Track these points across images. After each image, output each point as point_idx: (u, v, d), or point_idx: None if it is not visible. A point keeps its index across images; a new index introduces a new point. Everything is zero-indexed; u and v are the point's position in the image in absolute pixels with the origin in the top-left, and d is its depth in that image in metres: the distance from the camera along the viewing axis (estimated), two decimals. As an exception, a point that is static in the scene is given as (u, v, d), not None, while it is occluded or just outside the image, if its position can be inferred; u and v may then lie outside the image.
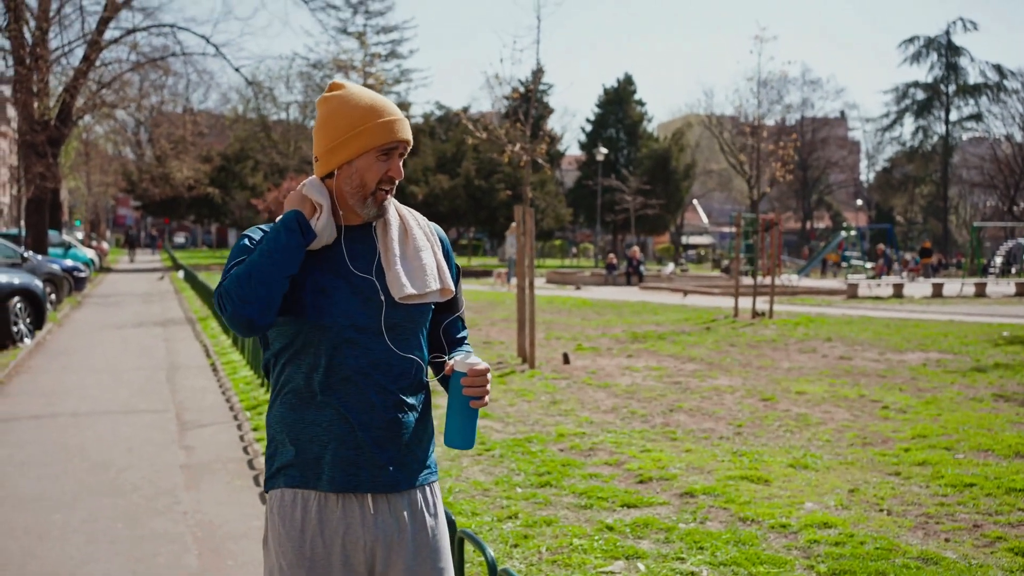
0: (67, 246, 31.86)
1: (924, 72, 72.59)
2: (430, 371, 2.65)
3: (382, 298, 2.49)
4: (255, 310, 2.38)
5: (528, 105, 13.80)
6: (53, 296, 20.03)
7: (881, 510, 6.05)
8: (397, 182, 2.55)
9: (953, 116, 71.79)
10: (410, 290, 2.49)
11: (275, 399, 2.56)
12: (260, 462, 7.41)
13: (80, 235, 52.33)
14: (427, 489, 2.58)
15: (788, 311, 21.46)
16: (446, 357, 2.66)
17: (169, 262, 49.83)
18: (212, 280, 27.91)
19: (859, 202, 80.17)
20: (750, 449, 7.70)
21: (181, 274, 35.63)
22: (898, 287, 28.56)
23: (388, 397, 2.48)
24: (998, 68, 68.97)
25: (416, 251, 2.57)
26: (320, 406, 2.46)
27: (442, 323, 2.69)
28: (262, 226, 2.58)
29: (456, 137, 47.05)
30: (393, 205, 2.63)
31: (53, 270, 20.97)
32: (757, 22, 51.46)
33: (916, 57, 71.34)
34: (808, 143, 69.79)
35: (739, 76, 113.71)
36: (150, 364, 13.10)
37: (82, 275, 25.00)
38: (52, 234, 30.42)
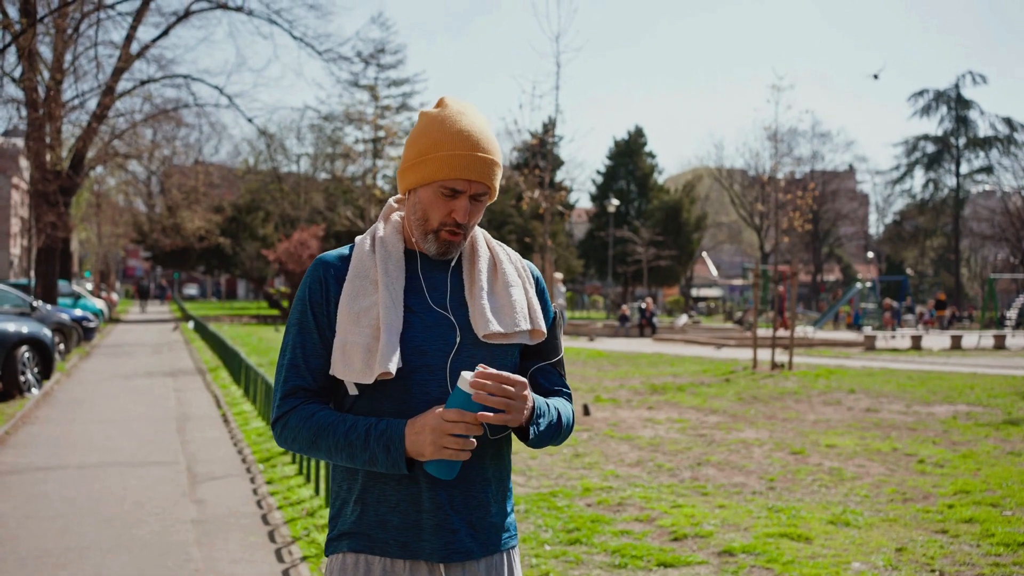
0: (77, 296, 31.69)
1: (934, 125, 72.75)
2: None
3: (458, 337, 2.21)
4: (297, 451, 2.27)
5: (545, 152, 13.63)
6: (62, 346, 19.79)
7: (933, 571, 5.71)
8: (469, 226, 2.25)
9: (963, 169, 71.72)
10: (495, 327, 2.21)
11: None
12: (275, 517, 7.10)
13: (89, 286, 52.28)
14: (506, 555, 2.29)
15: (807, 363, 21.10)
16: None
17: (179, 313, 49.66)
18: (222, 331, 27.69)
19: (870, 255, 79.87)
20: (786, 505, 7.37)
21: (191, 324, 35.41)
22: (916, 339, 28.19)
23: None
24: (1008, 121, 68.96)
25: (506, 286, 2.29)
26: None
27: (531, 369, 2.36)
28: (312, 281, 2.26)
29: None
30: (483, 238, 2.37)
31: (62, 320, 20.75)
32: (774, 71, 51.42)
33: (926, 110, 71.43)
34: (818, 195, 69.67)
35: (749, 128, 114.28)
36: (160, 415, 12.81)
37: (91, 325, 24.78)
38: (62, 284, 30.27)
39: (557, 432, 2.28)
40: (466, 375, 2.06)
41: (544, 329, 2.31)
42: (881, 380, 17.09)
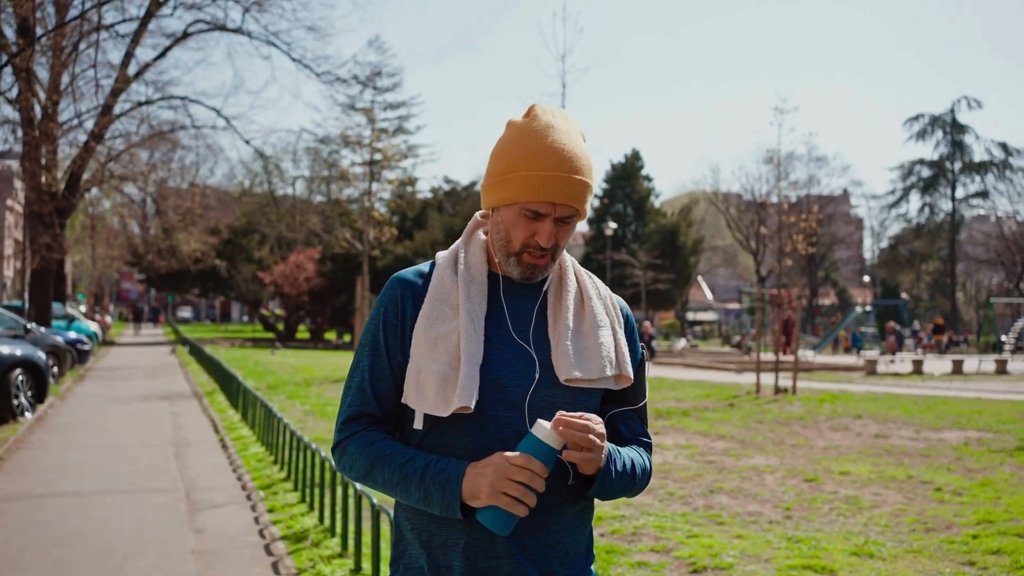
0: (71, 319, 31.39)
1: (930, 149, 72.70)
2: None
3: (537, 374, 2.01)
4: (356, 481, 2.13)
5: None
6: (56, 369, 19.51)
7: (966, 606, 5.49)
8: (557, 250, 2.05)
9: (959, 193, 71.80)
10: (576, 373, 2.01)
11: None
12: (278, 547, 6.85)
13: (83, 308, 51.94)
14: None
15: (809, 387, 20.89)
16: None
17: (173, 336, 49.36)
18: (218, 354, 27.44)
19: (865, 279, 79.85)
20: (805, 535, 7.14)
21: (187, 348, 35.13)
22: (917, 363, 28.02)
23: (542, 496, 1.97)
24: (1003, 146, 69.12)
25: (594, 327, 2.09)
26: None
27: (613, 414, 2.16)
28: (388, 301, 2.10)
29: (464, 211, 46.89)
30: (573, 268, 2.16)
31: (56, 342, 20.48)
32: (777, 93, 51.44)
33: (921, 135, 71.56)
34: (821, 219, 69.59)
35: (745, 152, 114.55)
36: (157, 440, 12.54)
37: (85, 348, 24.48)
38: (56, 306, 29.99)
39: (630, 484, 2.07)
40: (543, 423, 1.87)
41: (631, 375, 2.11)
42: (887, 405, 16.88)
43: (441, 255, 2.14)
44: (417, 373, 2.00)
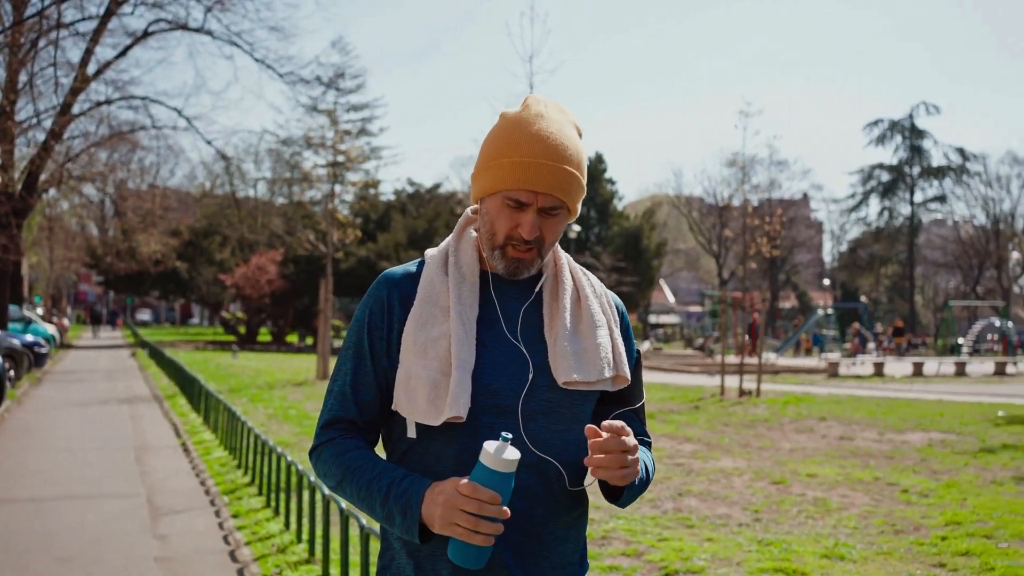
0: (27, 321, 30.90)
1: (889, 154, 73.33)
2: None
3: (530, 374, 1.93)
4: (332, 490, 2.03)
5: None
6: (12, 372, 19.16)
7: (938, 608, 5.49)
8: (543, 245, 1.96)
9: (918, 197, 72.56)
10: (575, 375, 1.93)
11: None
12: (243, 553, 6.73)
13: (40, 311, 51.18)
14: None
15: (773, 390, 20.98)
16: None
17: (132, 338, 48.76)
18: (178, 357, 27.13)
19: (825, 282, 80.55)
20: (775, 537, 7.13)
21: (147, 351, 34.70)
22: (879, 366, 28.26)
23: (535, 504, 1.91)
24: (961, 151, 69.93)
25: (592, 327, 2.01)
26: None
27: (610, 416, 2.08)
28: (373, 302, 2.02)
29: (428, 213, 46.71)
30: (568, 265, 2.08)
31: (13, 345, 20.12)
32: (742, 96, 51.71)
33: (881, 139, 72.26)
34: (785, 221, 70.08)
35: (708, 156, 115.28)
36: (117, 444, 12.33)
37: (43, 351, 24.09)
38: (12, 309, 29.50)
39: (645, 487, 2.03)
40: (488, 446, 1.75)
41: (628, 375, 2.04)
42: (850, 407, 16.97)
43: (430, 253, 2.06)
44: (407, 380, 1.92)
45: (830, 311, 45.89)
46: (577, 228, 46.88)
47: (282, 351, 41.60)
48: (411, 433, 1.94)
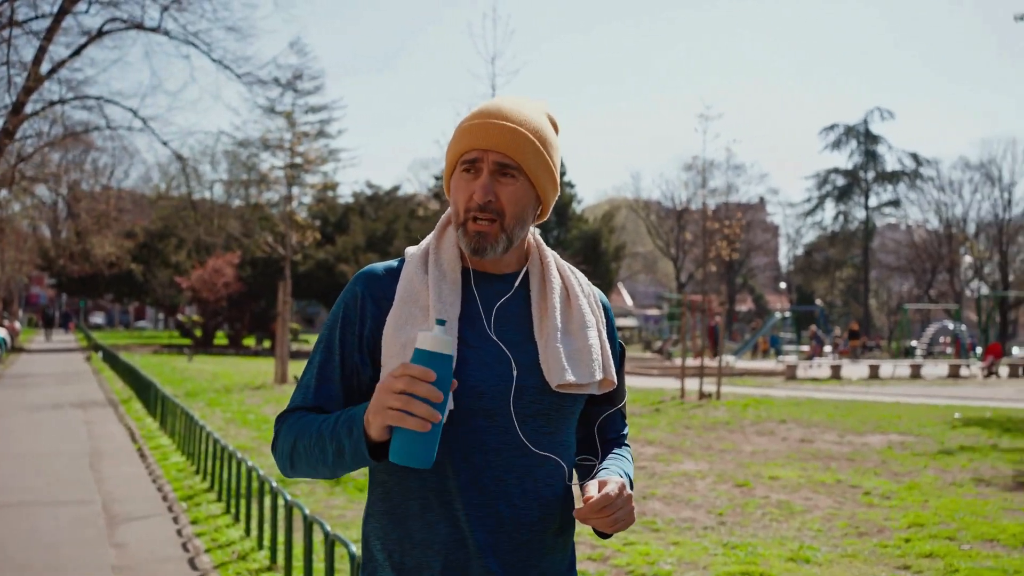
0: (-22, 324, 30.37)
1: (844, 159, 74.05)
2: (574, 475, 2.02)
3: (514, 371, 1.87)
4: (288, 474, 1.94)
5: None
6: (-37, 376, 18.79)
7: (905, 610, 5.49)
8: (504, 215, 1.89)
9: (872, 202, 73.41)
10: (570, 377, 1.87)
11: (373, 504, 1.93)
12: (203, 561, 6.60)
13: (-9, 314, 50.24)
14: None
15: (733, 392, 21.09)
16: (598, 463, 2.03)
17: (85, 341, 48.05)
18: (133, 361, 26.75)
19: (782, 285, 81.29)
20: (741, 541, 7.11)
21: (100, 354, 34.20)
22: (836, 368, 28.50)
23: (524, 510, 1.85)
24: (914, 156, 70.86)
25: (582, 326, 1.95)
26: (433, 520, 1.83)
27: (597, 418, 2.05)
28: (349, 297, 1.95)
29: (386, 216, 46.51)
30: (555, 261, 2.01)
31: (-36, 349, 19.73)
32: (701, 100, 51.87)
33: (836, 144, 73.04)
34: (745, 225, 70.60)
35: (666, 160, 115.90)
36: (71, 449, 12.09)
37: (-6, 354, 23.67)
38: (-37, 312, 28.95)
39: None
40: (423, 333, 1.70)
41: (615, 379, 1.98)
42: (809, 410, 17.08)
43: (411, 251, 2.00)
44: None
45: (787, 314, 46.25)
46: (536, 231, 46.89)
47: (239, 354, 41.20)
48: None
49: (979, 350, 42.76)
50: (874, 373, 28.61)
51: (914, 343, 44.68)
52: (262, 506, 6.72)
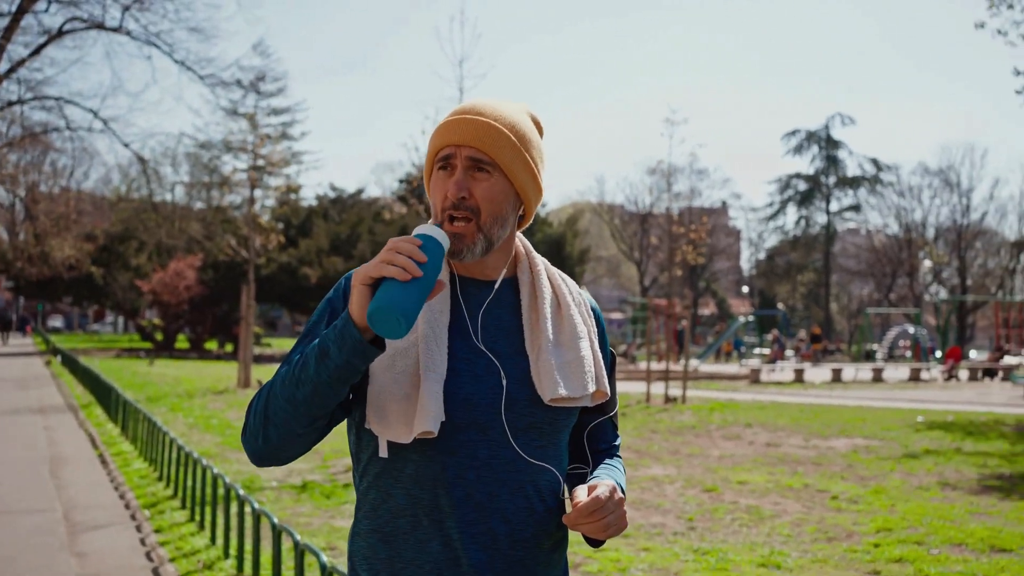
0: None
1: (806, 164, 74.64)
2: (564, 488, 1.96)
3: (504, 381, 1.81)
4: (258, 448, 1.79)
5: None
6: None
7: (877, 616, 5.49)
8: (480, 215, 1.83)
9: (833, 207, 74.07)
10: (563, 392, 1.81)
11: (360, 523, 1.86)
12: (168, 570, 6.48)
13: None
14: None
15: (698, 396, 21.14)
16: (589, 472, 1.98)
17: (43, 345, 47.37)
18: (93, 365, 26.39)
19: (744, 289, 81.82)
20: (711, 547, 7.09)
21: (59, 358, 33.71)
22: (799, 372, 28.69)
23: (518, 526, 1.80)
24: (875, 161, 71.58)
25: (574, 338, 1.89)
26: (424, 539, 1.77)
27: (587, 427, 1.99)
28: (338, 291, 1.90)
29: (350, 219, 46.24)
30: (545, 268, 1.95)
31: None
32: (668, 105, 52.01)
33: (798, 149, 73.60)
34: (711, 230, 71.01)
35: (630, 164, 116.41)
36: (29, 456, 11.87)
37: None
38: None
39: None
40: (424, 224, 1.73)
41: (607, 390, 1.93)
42: (774, 414, 17.16)
43: None
44: (378, 395, 1.78)
45: (751, 318, 46.54)
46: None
47: (201, 358, 40.80)
48: (383, 452, 1.81)
49: (938, 354, 43.28)
50: (837, 377, 28.83)
51: (875, 347, 45.11)
52: (228, 514, 6.61)
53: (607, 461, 1.99)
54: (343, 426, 1.94)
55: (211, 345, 49.60)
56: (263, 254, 31.11)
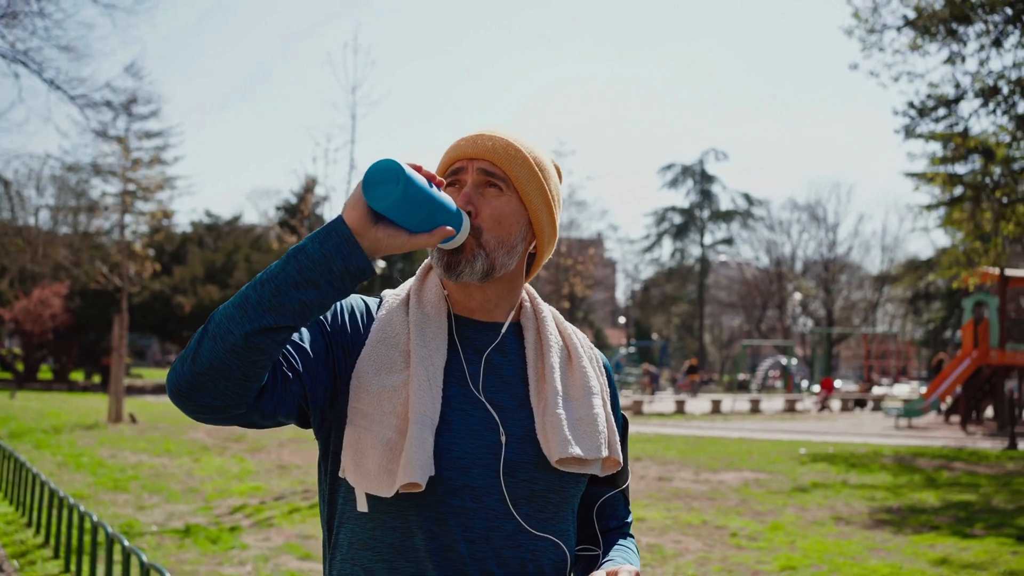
0: None
1: (681, 197, 76.33)
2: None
3: (502, 437, 1.59)
4: (183, 372, 1.44)
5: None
6: None
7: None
8: (480, 230, 1.62)
9: (707, 240, 75.88)
10: (575, 450, 1.58)
11: None
12: (42, 629, 5.96)
13: None
14: None
15: (583, 428, 21.12)
16: (601, 555, 1.73)
17: None
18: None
19: (621, 320, 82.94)
20: (619, 589, 6.91)
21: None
22: (680, 403, 29.06)
23: (519, 552, 1.56)
24: (747, 196, 73.69)
25: (587, 392, 1.67)
26: None
27: (595, 502, 1.76)
28: (351, 302, 1.75)
29: (226, 246, 45.14)
30: (552, 317, 1.74)
31: None
32: (557, 138, 52.58)
33: (674, 183, 75.26)
34: (597, 261, 71.81)
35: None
36: None
37: None
38: None
39: None
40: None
41: (620, 458, 1.71)
42: (661, 446, 17.21)
43: (388, 293, 1.72)
44: (356, 439, 1.53)
45: (632, 349, 47.09)
46: (382, 264, 46.42)
47: (67, 390, 39.07)
48: (361, 507, 1.55)
49: (805, 383, 44.48)
50: (716, 408, 29.30)
51: (747, 377, 46.17)
52: (110, 563, 6.13)
53: (620, 542, 1.77)
54: (216, 463, 1.68)
55: (77, 375, 47.64)
56: (137, 282, 30.03)
